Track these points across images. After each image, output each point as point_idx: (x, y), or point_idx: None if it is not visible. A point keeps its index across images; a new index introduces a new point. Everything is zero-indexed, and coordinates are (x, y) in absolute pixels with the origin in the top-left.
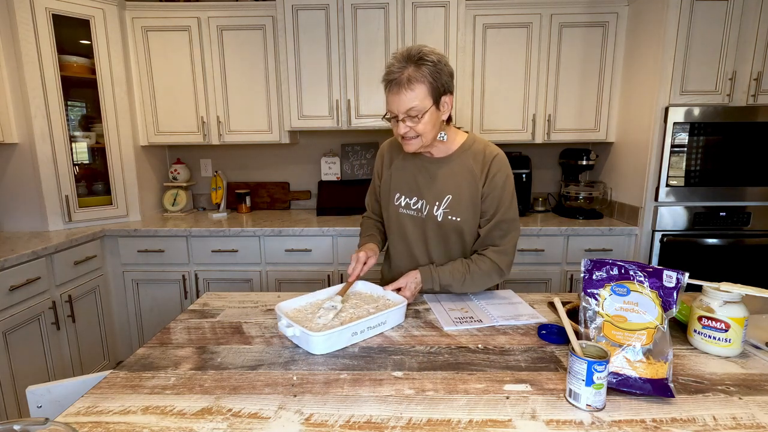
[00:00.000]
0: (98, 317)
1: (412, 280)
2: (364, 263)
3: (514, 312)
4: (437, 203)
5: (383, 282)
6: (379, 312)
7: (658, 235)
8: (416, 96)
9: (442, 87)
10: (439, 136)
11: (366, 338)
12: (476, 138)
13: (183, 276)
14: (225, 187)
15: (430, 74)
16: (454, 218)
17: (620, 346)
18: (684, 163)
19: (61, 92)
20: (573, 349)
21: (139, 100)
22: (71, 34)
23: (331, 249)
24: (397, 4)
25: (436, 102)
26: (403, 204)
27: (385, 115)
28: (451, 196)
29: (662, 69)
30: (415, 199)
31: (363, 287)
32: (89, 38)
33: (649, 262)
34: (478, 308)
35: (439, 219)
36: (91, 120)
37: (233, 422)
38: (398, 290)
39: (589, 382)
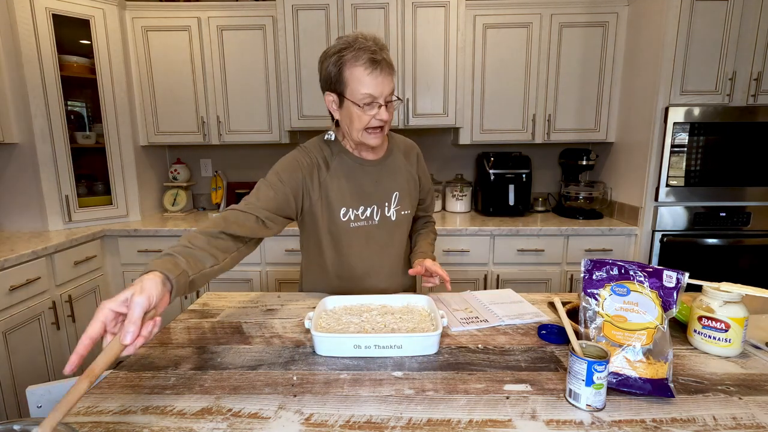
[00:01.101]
0: None
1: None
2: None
3: (518, 311)
4: (387, 204)
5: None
6: (399, 333)
7: (658, 235)
8: (394, 81)
9: None
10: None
11: (374, 356)
12: (391, 133)
13: None
14: (225, 187)
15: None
16: (405, 212)
17: (620, 346)
18: (684, 163)
19: (61, 92)
20: (573, 349)
21: (139, 100)
22: (71, 33)
23: None
24: (397, 4)
25: None
26: (352, 217)
27: (357, 99)
28: (398, 192)
29: (662, 69)
30: (362, 208)
31: (423, 303)
32: (89, 38)
33: (649, 262)
34: (482, 307)
35: (393, 218)
36: (91, 120)
37: (233, 422)
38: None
39: (589, 382)
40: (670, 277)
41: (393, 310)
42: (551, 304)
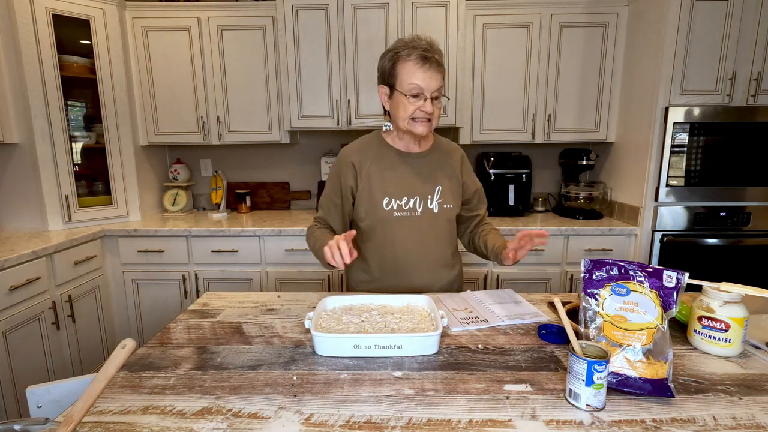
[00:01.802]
0: (98, 317)
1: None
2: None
3: (518, 311)
4: (430, 196)
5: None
6: (399, 333)
7: (658, 235)
8: (442, 79)
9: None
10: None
11: (374, 356)
12: (436, 134)
13: (183, 276)
14: (225, 187)
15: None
16: (448, 206)
17: (620, 346)
18: (684, 163)
19: (61, 92)
20: (573, 349)
21: (139, 100)
22: (71, 34)
23: None
24: (397, 4)
25: None
26: (395, 207)
27: (406, 90)
28: (441, 186)
29: (662, 69)
30: (405, 198)
31: (423, 303)
32: (89, 38)
33: (649, 262)
34: (482, 308)
35: (436, 211)
36: (91, 120)
37: (233, 422)
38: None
39: (589, 382)
40: (670, 277)
41: (393, 310)
42: (551, 304)
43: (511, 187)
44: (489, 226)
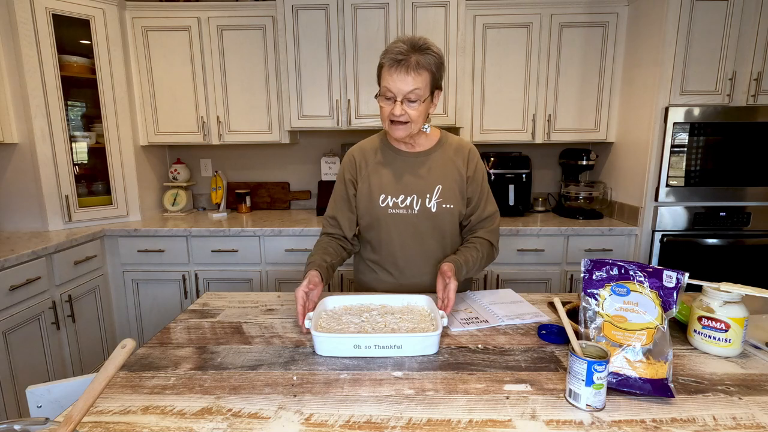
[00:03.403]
0: (98, 317)
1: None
2: (305, 302)
3: (518, 311)
4: (428, 195)
5: (358, 288)
6: (399, 333)
7: (658, 235)
8: (421, 81)
9: (438, 80)
10: (424, 127)
11: (374, 356)
12: (447, 133)
13: (183, 276)
14: (225, 187)
15: (434, 65)
16: (447, 206)
17: (620, 346)
18: (684, 163)
19: (61, 92)
20: (573, 349)
21: (139, 100)
22: (71, 34)
23: None
24: (397, 4)
25: (431, 93)
26: (390, 204)
27: (382, 93)
28: (441, 186)
29: (662, 69)
30: (402, 196)
31: (423, 303)
32: (89, 38)
33: (649, 262)
34: (482, 308)
35: (434, 210)
36: (91, 120)
37: (233, 422)
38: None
39: (589, 382)
40: (670, 277)
41: (393, 310)
42: (551, 304)
43: (511, 187)
44: (483, 241)
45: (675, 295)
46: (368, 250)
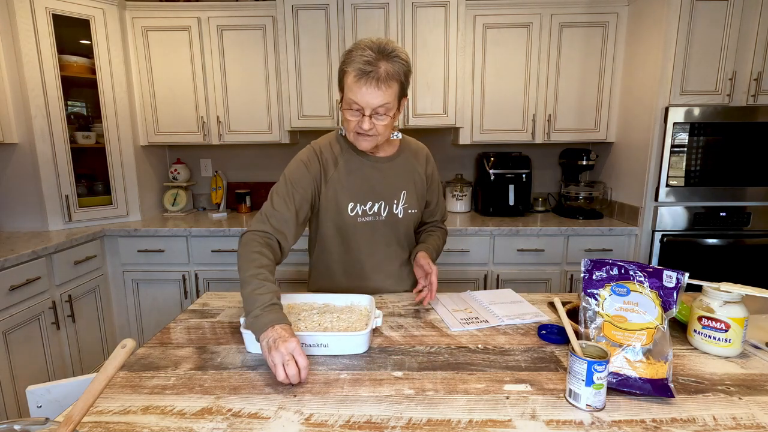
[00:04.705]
0: (98, 317)
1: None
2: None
3: (518, 311)
4: (395, 201)
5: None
6: (331, 332)
7: (658, 235)
8: (391, 94)
9: (405, 89)
10: (394, 135)
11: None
12: (405, 136)
13: (183, 276)
14: (225, 187)
15: (403, 74)
16: (412, 211)
17: (620, 346)
18: (684, 163)
19: (61, 92)
20: (573, 349)
21: (139, 100)
22: (71, 34)
23: None
24: (397, 4)
25: (399, 102)
26: (360, 212)
27: (347, 106)
28: (406, 192)
29: (662, 69)
30: (370, 203)
31: (366, 302)
32: (89, 38)
33: (649, 262)
34: (482, 308)
35: (400, 216)
36: (91, 120)
37: (233, 422)
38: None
39: (589, 382)
40: (670, 277)
41: (334, 309)
42: (551, 304)
43: (511, 187)
44: (439, 230)
45: (675, 295)
46: (329, 257)
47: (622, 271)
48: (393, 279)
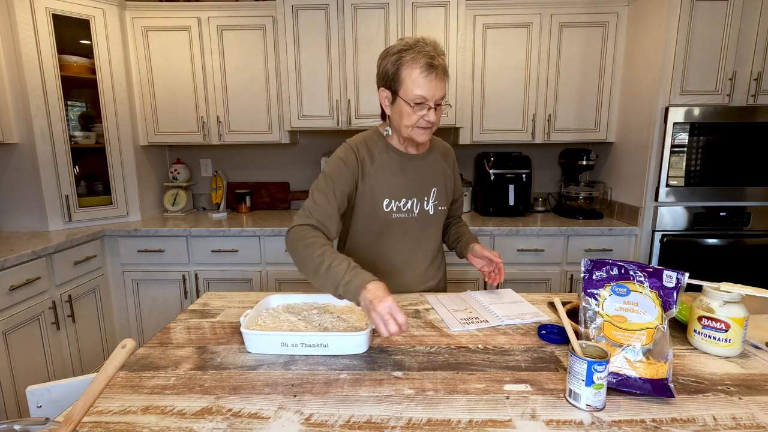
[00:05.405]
0: (98, 317)
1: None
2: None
3: (518, 311)
4: (426, 198)
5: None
6: (331, 332)
7: (658, 235)
8: (446, 86)
9: None
10: None
11: (303, 354)
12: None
13: (183, 276)
14: (225, 187)
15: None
16: (442, 208)
17: (620, 346)
18: (684, 163)
19: (61, 92)
20: (573, 349)
21: (139, 100)
22: (71, 34)
23: None
24: (397, 4)
25: None
26: (394, 209)
27: (411, 101)
28: (436, 188)
29: (662, 69)
30: (404, 200)
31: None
32: (89, 38)
33: (649, 262)
34: (482, 308)
35: (431, 212)
36: (91, 120)
37: (233, 422)
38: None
39: (589, 382)
40: (670, 277)
41: (333, 309)
42: (551, 304)
43: (511, 187)
44: (465, 225)
45: (675, 295)
46: (359, 253)
47: (622, 271)
48: (418, 278)
